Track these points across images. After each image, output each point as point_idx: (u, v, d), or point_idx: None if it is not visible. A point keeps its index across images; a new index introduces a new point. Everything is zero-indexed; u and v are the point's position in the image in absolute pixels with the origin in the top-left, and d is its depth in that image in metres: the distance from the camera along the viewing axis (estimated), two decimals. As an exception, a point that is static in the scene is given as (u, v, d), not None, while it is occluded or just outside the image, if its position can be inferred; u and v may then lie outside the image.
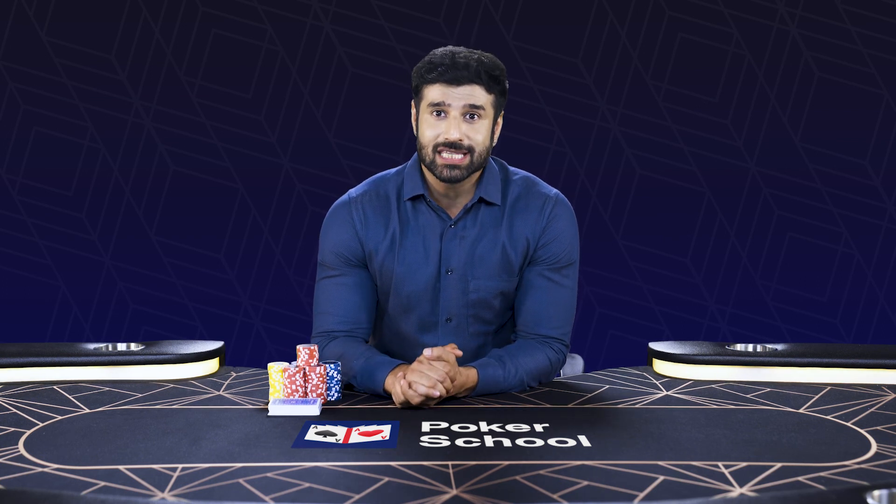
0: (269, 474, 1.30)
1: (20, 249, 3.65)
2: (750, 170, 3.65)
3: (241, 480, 1.28)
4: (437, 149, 1.79)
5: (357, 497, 1.21)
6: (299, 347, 1.74)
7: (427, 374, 1.69)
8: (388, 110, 3.37)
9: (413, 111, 1.88)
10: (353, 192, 1.96)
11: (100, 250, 3.67)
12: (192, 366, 2.00)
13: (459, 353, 1.77)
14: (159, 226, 3.67)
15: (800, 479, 1.29)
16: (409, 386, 1.69)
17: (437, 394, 1.68)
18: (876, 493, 1.06)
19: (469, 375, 1.80)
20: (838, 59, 3.60)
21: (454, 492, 1.22)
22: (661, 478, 1.29)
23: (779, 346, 2.07)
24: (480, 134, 1.80)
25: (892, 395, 1.82)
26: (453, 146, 1.78)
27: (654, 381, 1.95)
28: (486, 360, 1.85)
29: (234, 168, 3.65)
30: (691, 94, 3.64)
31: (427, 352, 1.72)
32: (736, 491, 1.24)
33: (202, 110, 3.64)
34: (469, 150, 1.79)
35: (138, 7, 3.61)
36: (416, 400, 1.68)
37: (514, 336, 1.98)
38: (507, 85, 1.86)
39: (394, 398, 1.73)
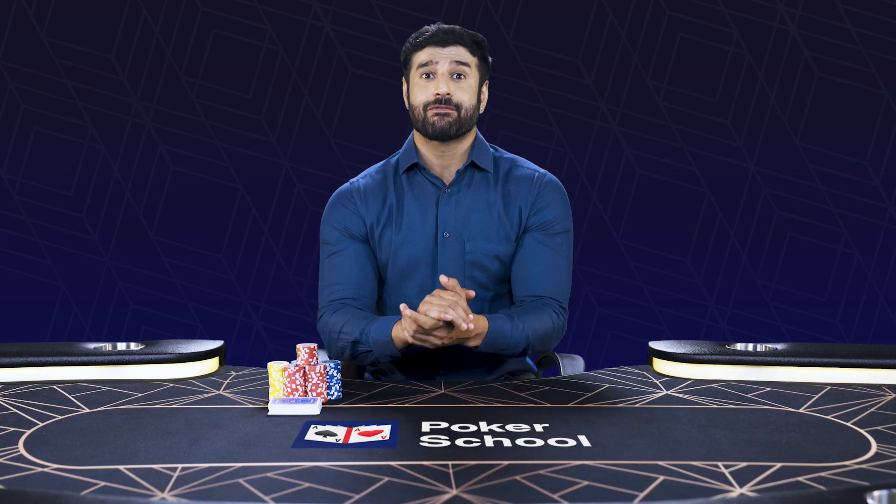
0: (269, 474, 1.30)
1: (20, 249, 3.65)
2: (750, 170, 3.65)
3: (241, 480, 1.28)
4: (427, 106, 1.91)
5: (357, 497, 1.21)
6: (299, 346, 1.74)
7: (438, 302, 1.72)
8: (388, 111, 3.37)
9: (404, 86, 2.00)
10: (353, 179, 2.07)
11: (100, 250, 3.67)
12: (191, 365, 1.99)
13: (472, 293, 1.79)
14: (159, 226, 3.67)
15: (800, 479, 1.29)
16: (424, 314, 1.72)
17: (449, 317, 1.70)
18: (876, 493, 1.05)
19: (480, 321, 1.83)
20: (838, 59, 3.60)
21: (454, 492, 1.22)
22: (661, 478, 1.29)
23: (779, 346, 2.07)
24: (467, 93, 1.93)
25: (892, 395, 1.82)
26: (442, 102, 1.89)
27: (654, 381, 1.95)
28: (495, 314, 1.90)
29: (234, 168, 3.65)
30: (691, 94, 3.64)
31: (443, 278, 1.76)
32: (736, 491, 1.24)
33: (202, 110, 3.64)
34: (457, 107, 1.91)
35: (138, 7, 3.61)
36: (429, 323, 1.71)
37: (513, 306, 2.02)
38: (490, 59, 1.99)
39: (407, 330, 1.76)
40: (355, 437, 1.50)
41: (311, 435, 1.51)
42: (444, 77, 1.90)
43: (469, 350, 1.96)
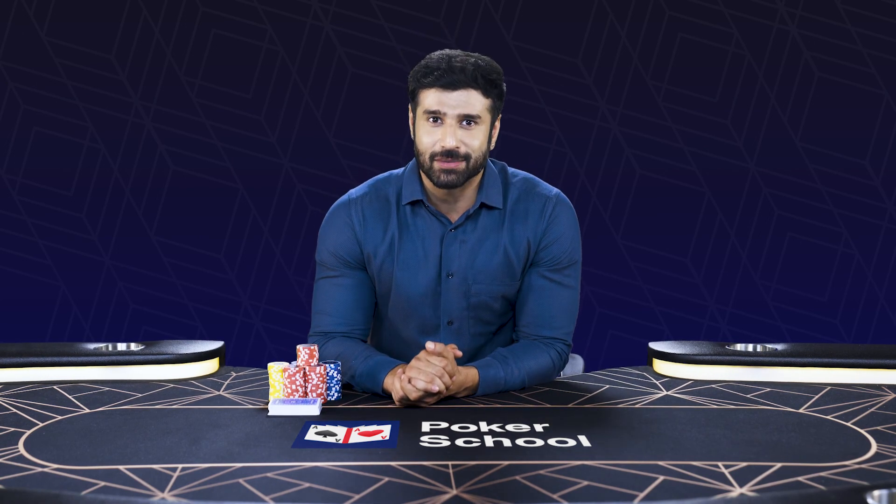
0: (269, 474, 1.30)
1: (20, 249, 3.65)
2: (750, 170, 3.65)
3: (241, 480, 1.28)
4: (433, 157, 1.79)
5: (357, 497, 1.21)
6: (299, 347, 1.74)
7: (425, 369, 1.70)
8: (388, 110, 3.37)
9: (410, 115, 1.87)
10: (353, 192, 1.96)
11: (100, 250, 3.67)
12: (192, 366, 2.00)
13: (460, 353, 1.78)
14: (159, 226, 3.67)
15: (800, 479, 1.29)
16: (409, 381, 1.69)
17: (436, 388, 1.68)
18: (876, 493, 1.05)
19: (469, 375, 1.79)
20: (838, 59, 3.60)
21: (454, 492, 1.22)
22: (661, 478, 1.29)
23: (779, 346, 2.07)
24: (477, 140, 1.79)
25: (892, 395, 1.82)
26: (450, 154, 1.77)
27: (654, 381, 1.95)
28: (489, 359, 1.85)
29: (234, 168, 3.65)
30: (691, 94, 3.64)
31: (430, 345, 1.72)
32: (736, 491, 1.24)
33: (202, 110, 3.64)
34: (466, 158, 1.78)
35: (138, 7, 3.61)
36: (414, 395, 1.69)
37: (515, 336, 1.98)
38: (505, 87, 1.85)
39: (393, 395, 1.73)
40: (355, 437, 1.50)
41: (311, 435, 1.51)
42: (451, 128, 1.76)
43: (471, 353, 1.95)
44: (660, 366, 2.03)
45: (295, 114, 3.65)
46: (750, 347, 2.07)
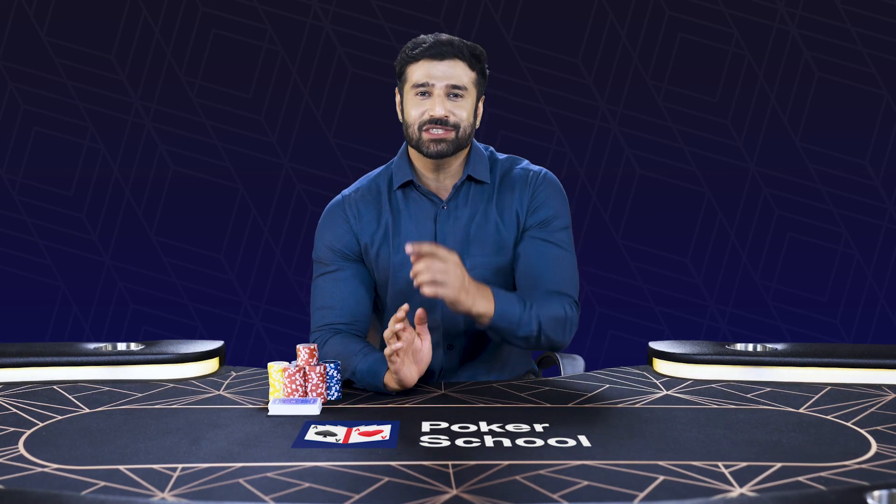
0: (269, 474, 1.30)
1: (20, 249, 3.65)
2: (750, 170, 3.65)
3: (241, 480, 1.28)
4: (422, 126, 1.84)
5: (357, 497, 1.21)
6: (299, 347, 1.74)
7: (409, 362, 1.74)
8: (388, 111, 3.37)
9: (398, 98, 1.93)
10: (345, 191, 2.01)
11: (100, 250, 3.67)
12: (192, 365, 1.99)
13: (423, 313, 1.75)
14: (159, 226, 3.67)
15: (800, 479, 1.29)
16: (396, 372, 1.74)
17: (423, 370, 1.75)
18: (876, 493, 1.05)
19: (485, 291, 1.76)
20: (838, 59, 3.61)
21: (454, 492, 1.22)
22: (661, 478, 1.29)
23: (779, 346, 2.07)
24: (465, 111, 1.86)
25: (892, 395, 1.82)
26: (439, 122, 1.83)
27: (655, 381, 1.94)
28: (502, 295, 1.80)
29: (234, 168, 3.65)
30: (691, 94, 3.64)
31: (408, 247, 1.70)
32: (736, 491, 1.24)
33: (202, 110, 3.64)
34: (455, 127, 1.84)
35: (138, 7, 3.61)
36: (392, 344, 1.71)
37: None
38: (488, 70, 1.91)
39: (394, 383, 1.77)
40: (355, 437, 1.50)
41: (311, 435, 1.51)
42: (440, 98, 1.83)
43: (474, 336, 1.96)
44: (660, 365, 2.03)
45: (295, 114, 3.65)
46: (750, 347, 2.07)
